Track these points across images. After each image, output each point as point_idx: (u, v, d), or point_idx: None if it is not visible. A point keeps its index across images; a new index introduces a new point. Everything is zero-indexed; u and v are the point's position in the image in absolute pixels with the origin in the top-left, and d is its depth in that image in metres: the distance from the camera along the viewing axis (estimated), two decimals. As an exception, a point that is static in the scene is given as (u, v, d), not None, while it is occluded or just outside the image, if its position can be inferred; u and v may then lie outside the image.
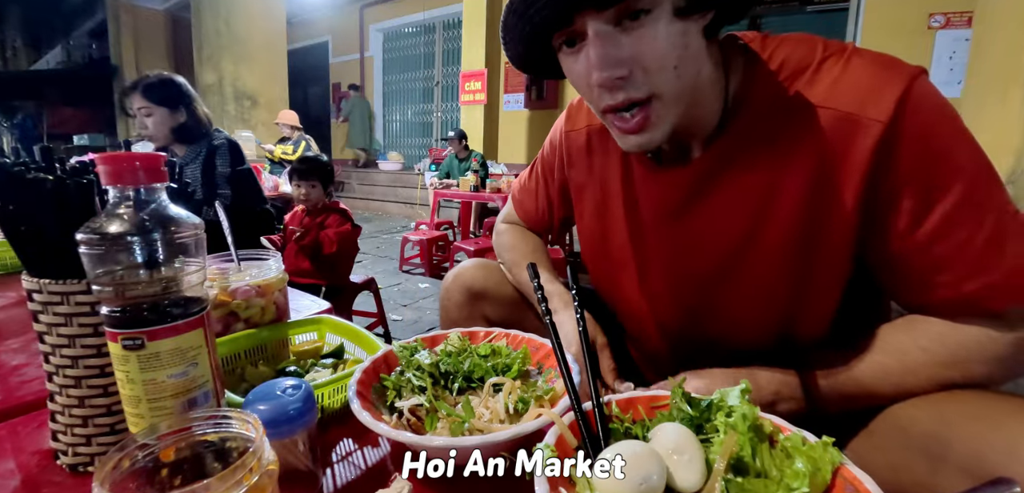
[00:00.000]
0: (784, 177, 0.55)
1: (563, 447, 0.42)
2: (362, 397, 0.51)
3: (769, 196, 0.57)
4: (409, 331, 2.78)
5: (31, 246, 0.46)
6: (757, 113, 0.56)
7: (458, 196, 4.66)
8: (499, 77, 6.51)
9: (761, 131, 0.56)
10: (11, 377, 0.67)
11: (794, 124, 0.54)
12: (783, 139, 0.55)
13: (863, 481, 0.36)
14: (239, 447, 0.36)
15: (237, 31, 5.54)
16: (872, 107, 0.50)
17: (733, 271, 0.62)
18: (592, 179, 0.76)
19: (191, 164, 1.84)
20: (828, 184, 0.53)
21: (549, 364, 0.60)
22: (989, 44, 3.32)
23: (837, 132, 0.52)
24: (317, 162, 2.00)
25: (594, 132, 0.75)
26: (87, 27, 10.77)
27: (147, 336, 0.39)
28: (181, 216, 0.41)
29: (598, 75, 0.50)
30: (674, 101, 0.52)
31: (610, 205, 0.73)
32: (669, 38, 0.49)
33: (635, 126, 0.53)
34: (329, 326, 0.76)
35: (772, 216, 0.57)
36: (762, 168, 0.57)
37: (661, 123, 0.53)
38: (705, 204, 0.61)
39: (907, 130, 0.49)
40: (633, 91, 0.51)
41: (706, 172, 0.60)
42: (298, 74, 8.58)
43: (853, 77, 0.52)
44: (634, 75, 0.50)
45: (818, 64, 0.54)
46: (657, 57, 0.49)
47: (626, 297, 0.75)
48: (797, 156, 0.54)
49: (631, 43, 0.49)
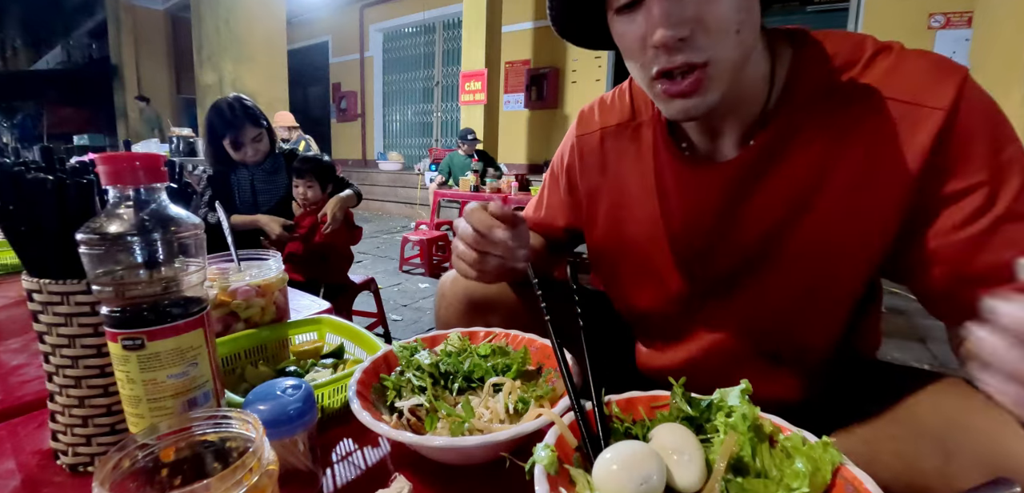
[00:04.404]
0: (835, 161, 0.55)
1: (563, 447, 0.42)
2: (362, 397, 0.51)
3: (816, 183, 0.56)
4: (409, 331, 2.78)
5: (31, 246, 0.46)
6: (807, 98, 0.56)
7: (458, 196, 4.66)
8: (499, 77, 6.51)
9: (812, 118, 0.55)
10: (11, 377, 0.67)
11: (848, 110, 0.54)
12: (835, 125, 0.54)
13: (863, 481, 0.36)
14: (239, 447, 0.36)
15: (237, 31, 5.54)
16: (931, 96, 0.50)
17: (767, 262, 0.61)
18: (606, 180, 0.74)
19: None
20: (881, 171, 0.53)
21: (549, 364, 0.59)
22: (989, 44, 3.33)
23: (895, 119, 0.51)
24: (315, 161, 1.99)
25: (608, 133, 0.74)
26: (87, 27, 10.78)
27: (147, 336, 0.39)
28: (181, 216, 0.41)
29: (662, 33, 0.49)
30: (730, 69, 0.51)
31: (630, 204, 0.71)
32: (735, 1, 0.48)
33: (687, 88, 0.51)
34: (329, 326, 0.76)
35: (816, 206, 0.56)
36: (811, 152, 0.56)
37: (713, 90, 0.52)
38: (751, 200, 0.60)
39: (966, 120, 0.49)
40: (692, 54, 0.50)
41: (752, 165, 0.59)
42: (298, 74, 8.58)
43: (908, 69, 0.52)
44: (695, 37, 0.49)
45: (870, 57, 0.54)
46: (722, 18, 0.48)
47: (647, 298, 0.73)
48: (850, 140, 0.54)
49: (696, 2, 0.48)
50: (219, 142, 1.91)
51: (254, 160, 1.96)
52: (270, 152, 2.00)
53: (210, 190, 1.98)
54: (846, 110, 0.54)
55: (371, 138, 9.41)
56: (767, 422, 0.42)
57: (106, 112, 9.88)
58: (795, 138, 0.56)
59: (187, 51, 6.84)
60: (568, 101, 6.85)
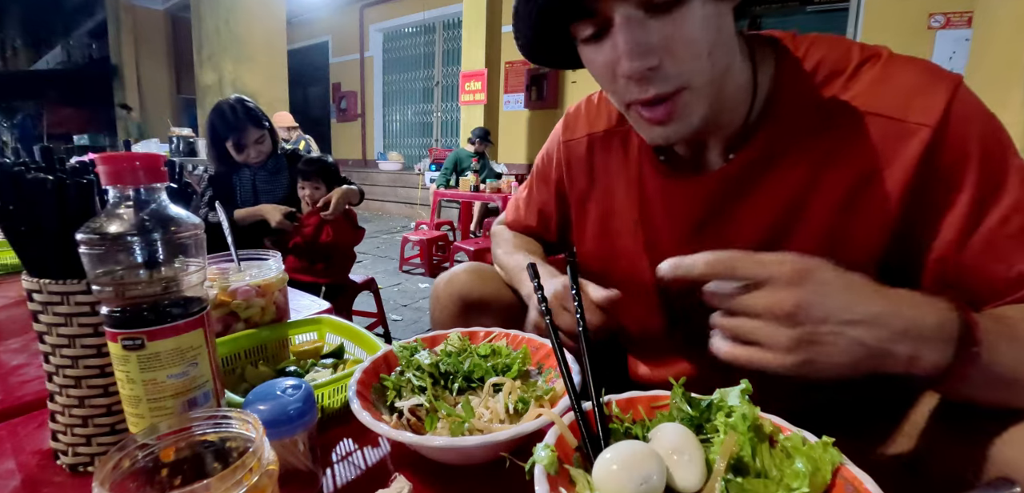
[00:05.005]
0: (819, 183, 0.53)
1: (563, 447, 0.42)
2: (362, 397, 0.51)
3: (800, 204, 0.54)
4: (409, 331, 2.78)
5: (31, 246, 0.46)
6: (791, 115, 0.54)
7: (458, 196, 4.67)
8: (499, 77, 6.52)
9: (795, 135, 0.53)
10: (11, 377, 0.67)
11: (833, 128, 0.52)
12: (820, 144, 0.52)
13: (863, 481, 0.36)
14: (239, 447, 0.36)
15: (237, 31, 5.54)
16: (918, 111, 0.48)
17: None
18: (595, 189, 0.72)
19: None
20: (867, 191, 0.51)
21: (549, 364, 0.60)
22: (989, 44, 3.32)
23: (881, 137, 0.50)
24: (320, 162, 2.01)
25: (596, 139, 0.71)
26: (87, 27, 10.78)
27: (147, 336, 0.39)
28: (181, 216, 0.41)
29: (628, 65, 0.47)
30: (706, 91, 0.49)
31: (617, 216, 0.69)
32: (703, 22, 0.46)
33: (663, 115, 0.50)
34: (329, 326, 0.76)
35: (800, 227, 0.55)
36: (795, 174, 0.54)
37: (691, 114, 0.50)
38: (731, 215, 0.58)
39: (955, 135, 0.47)
40: (663, 85, 0.48)
41: (734, 180, 0.57)
42: (298, 74, 8.58)
43: (895, 81, 0.50)
44: (664, 66, 0.47)
45: (856, 67, 0.52)
46: (690, 43, 0.46)
47: (634, 311, 0.71)
48: (835, 162, 0.52)
49: (662, 28, 0.46)
50: (222, 144, 1.91)
51: (256, 161, 1.96)
52: (272, 153, 2.00)
53: (211, 190, 1.98)
54: (830, 129, 0.52)
55: (371, 138, 9.41)
56: (767, 422, 0.42)
57: (106, 112, 9.88)
58: (779, 156, 0.55)
59: (187, 51, 6.84)
60: (568, 101, 6.85)
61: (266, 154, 1.98)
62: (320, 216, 1.94)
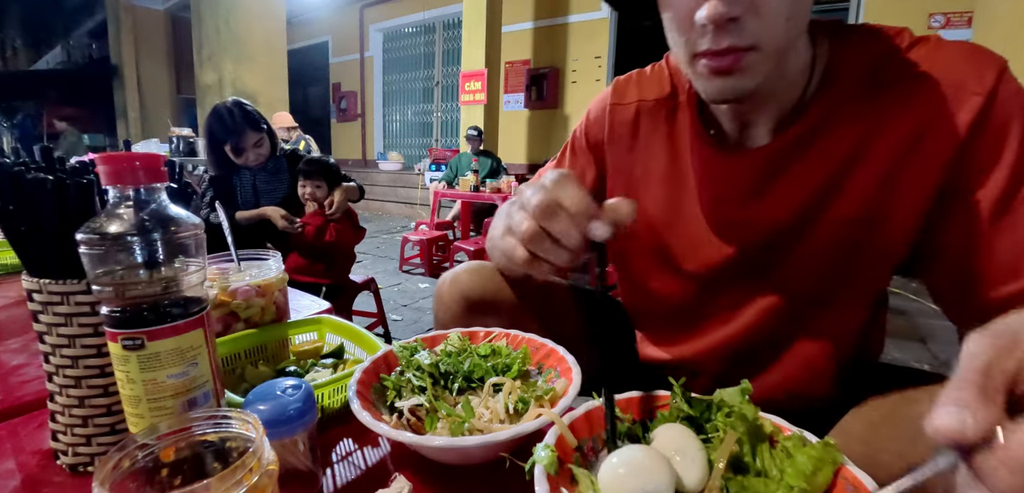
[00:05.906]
0: (866, 153, 0.55)
1: (563, 447, 0.42)
2: (362, 397, 0.51)
3: (848, 169, 0.56)
4: (409, 331, 2.78)
5: (31, 246, 0.46)
6: (848, 86, 0.56)
7: (458, 196, 4.66)
8: (499, 77, 6.51)
9: (851, 102, 0.55)
10: (11, 377, 0.67)
11: (886, 96, 0.54)
12: (874, 108, 0.54)
13: (863, 481, 0.36)
14: (239, 447, 0.36)
15: (237, 31, 5.54)
16: (971, 81, 0.50)
17: (786, 252, 0.60)
18: (633, 160, 0.72)
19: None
20: (913, 158, 0.53)
21: (549, 364, 0.60)
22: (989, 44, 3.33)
23: (936, 100, 0.51)
24: (323, 163, 2.01)
25: (645, 108, 0.71)
26: (87, 27, 10.78)
27: (147, 336, 0.39)
28: (181, 216, 0.41)
29: (713, 7, 0.47)
30: (774, 56, 0.51)
31: (653, 185, 0.70)
32: None
33: (730, 64, 0.50)
34: (329, 326, 0.76)
35: (846, 190, 0.56)
36: (842, 146, 0.56)
37: (756, 73, 0.51)
38: (774, 188, 0.59)
39: (1003, 107, 0.49)
40: (739, 37, 0.49)
41: (781, 154, 0.58)
42: (298, 74, 8.59)
43: (947, 56, 0.52)
44: (745, 19, 0.48)
45: (908, 46, 0.55)
46: (775, 3, 0.47)
47: (659, 284, 0.72)
48: (883, 130, 0.54)
49: None
50: (220, 148, 1.91)
51: (256, 164, 1.96)
52: (271, 154, 2.00)
53: (211, 190, 1.98)
54: (886, 92, 0.54)
55: (371, 138, 9.41)
56: (767, 422, 0.42)
57: (106, 112, 9.88)
58: (831, 123, 0.56)
59: (187, 51, 6.85)
60: (568, 101, 6.85)
61: (265, 156, 1.98)
62: (323, 217, 1.94)
